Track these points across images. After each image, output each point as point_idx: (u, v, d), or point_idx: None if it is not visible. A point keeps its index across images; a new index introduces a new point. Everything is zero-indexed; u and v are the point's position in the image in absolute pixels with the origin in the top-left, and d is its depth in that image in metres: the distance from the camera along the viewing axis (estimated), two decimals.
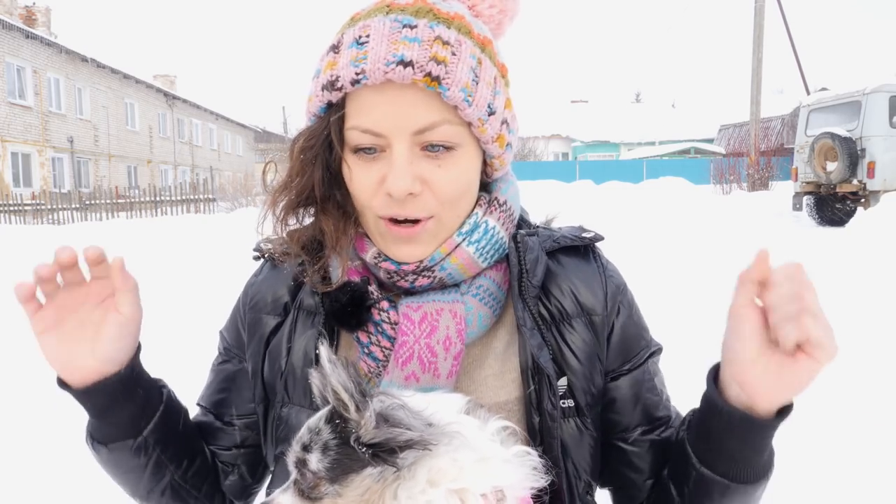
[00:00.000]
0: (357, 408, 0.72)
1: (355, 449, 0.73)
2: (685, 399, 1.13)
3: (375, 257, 1.02)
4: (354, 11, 0.99)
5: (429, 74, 0.89)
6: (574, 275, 1.07)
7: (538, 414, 0.99)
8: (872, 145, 13.90)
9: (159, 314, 1.06)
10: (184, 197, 23.18)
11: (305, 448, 0.77)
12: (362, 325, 1.01)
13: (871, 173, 13.89)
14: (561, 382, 1.01)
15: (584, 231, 1.13)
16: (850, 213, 14.48)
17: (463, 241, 1.00)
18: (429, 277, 1.00)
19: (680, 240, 10.37)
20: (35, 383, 4.53)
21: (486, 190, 1.07)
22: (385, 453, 0.72)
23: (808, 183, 15.18)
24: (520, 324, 1.01)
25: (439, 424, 0.75)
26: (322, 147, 0.98)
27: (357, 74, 0.90)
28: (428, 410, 0.77)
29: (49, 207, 22.68)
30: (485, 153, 1.01)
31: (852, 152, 14.01)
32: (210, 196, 23.53)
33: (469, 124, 0.94)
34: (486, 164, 1.03)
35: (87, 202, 23.28)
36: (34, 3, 33.11)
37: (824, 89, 19.23)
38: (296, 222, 1.05)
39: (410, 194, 0.93)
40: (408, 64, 0.88)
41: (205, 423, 1.15)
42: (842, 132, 14.19)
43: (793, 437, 0.99)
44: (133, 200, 23.57)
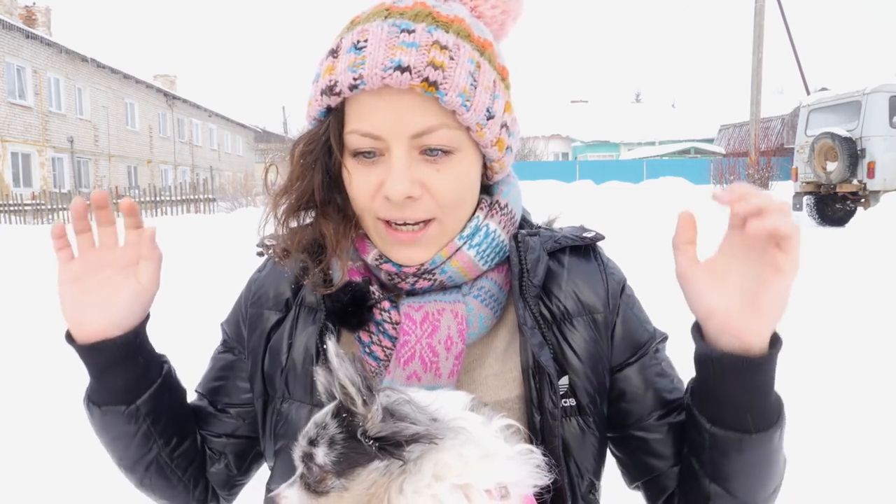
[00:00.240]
0: (364, 402, 0.72)
1: (362, 443, 0.73)
2: None
3: (376, 259, 1.02)
4: (354, 15, 0.99)
5: (426, 80, 0.89)
6: (575, 274, 1.08)
7: (539, 413, 0.99)
8: (872, 145, 13.91)
9: (159, 314, 1.07)
10: (184, 197, 23.19)
11: (312, 442, 0.78)
12: (363, 325, 1.01)
13: (871, 173, 13.90)
14: (562, 381, 1.02)
15: (585, 231, 1.13)
16: (850, 213, 14.49)
17: (464, 245, 1.01)
18: (429, 280, 1.01)
19: None
20: (35, 383, 4.54)
21: (488, 192, 1.07)
22: (391, 447, 0.72)
23: (808, 183, 15.19)
24: (521, 322, 1.01)
25: (445, 420, 0.76)
26: (322, 151, 0.99)
27: (355, 80, 0.90)
28: (433, 406, 0.77)
29: (49, 207, 22.68)
30: (484, 156, 1.01)
31: (852, 152, 14.02)
32: (210, 196, 23.53)
33: (467, 128, 0.95)
34: (487, 168, 1.03)
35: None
36: (34, 3, 33.12)
37: (824, 89, 19.25)
38: (297, 225, 1.06)
39: (409, 198, 0.94)
40: (405, 69, 0.88)
41: (199, 408, 1.16)
42: (842, 132, 14.20)
43: (793, 437, 1.00)
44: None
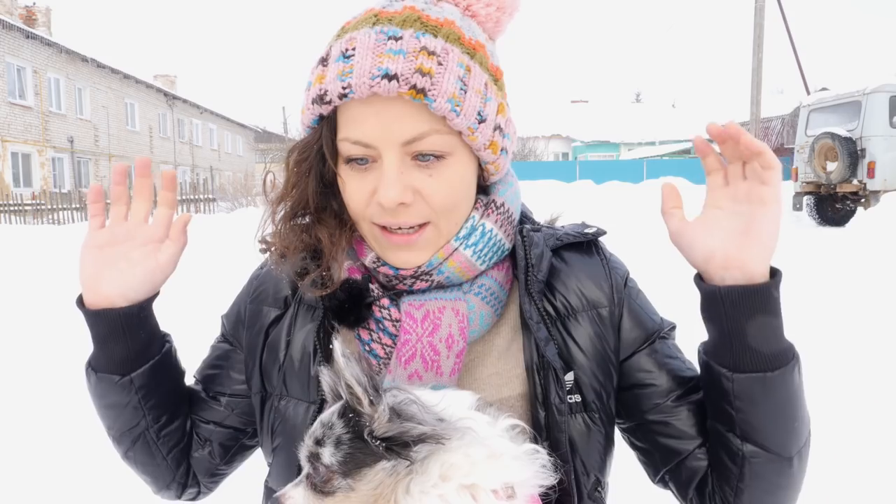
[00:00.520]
0: (370, 402, 0.73)
1: (368, 443, 0.74)
2: None
3: (374, 262, 1.03)
4: (345, 21, 0.99)
5: (414, 87, 0.89)
6: (579, 271, 1.08)
7: (544, 409, 0.99)
8: (872, 145, 13.91)
9: (159, 314, 1.08)
10: (184, 197, 23.16)
11: (318, 442, 0.78)
12: (361, 322, 1.02)
13: (871, 173, 13.90)
14: (567, 378, 1.02)
15: (587, 227, 1.14)
16: (850, 213, 14.49)
17: (460, 245, 1.01)
18: (427, 281, 1.01)
19: None
20: (35, 382, 4.54)
21: (484, 192, 1.07)
22: (398, 447, 0.72)
23: (809, 183, 15.19)
24: (526, 317, 1.01)
25: (451, 420, 0.76)
26: (316, 159, 0.99)
27: (344, 89, 0.91)
28: (439, 406, 0.77)
29: (49, 207, 22.69)
30: (479, 159, 1.01)
31: (852, 152, 14.02)
32: (210, 196, 23.55)
33: (459, 133, 0.95)
34: (483, 169, 1.03)
35: (88, 202, 23.26)
36: (34, 3, 33.11)
37: (824, 89, 19.25)
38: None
39: (402, 204, 0.94)
40: (392, 77, 0.88)
41: (193, 392, 1.18)
42: (842, 132, 14.20)
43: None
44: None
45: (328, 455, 0.76)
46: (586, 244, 1.12)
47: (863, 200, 14.18)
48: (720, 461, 1.00)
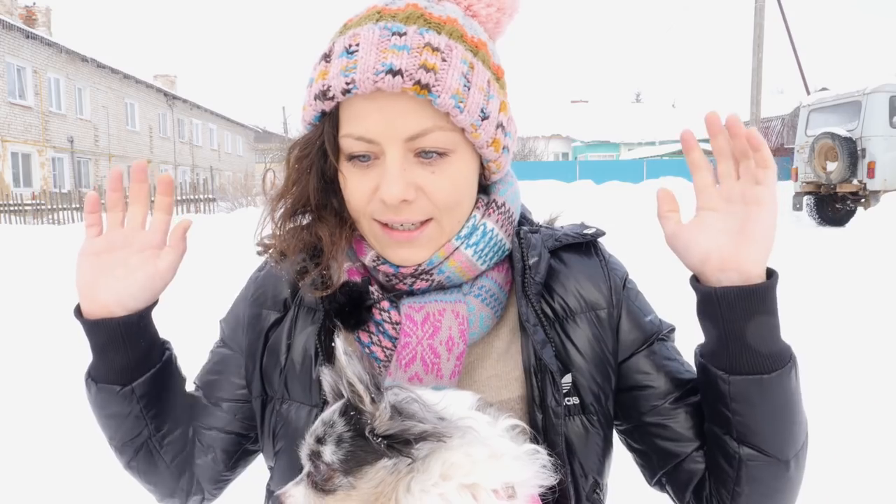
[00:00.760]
0: (372, 400, 0.73)
1: (370, 441, 0.74)
2: None
3: (374, 260, 1.02)
4: (347, 18, 0.99)
5: (418, 83, 0.89)
6: (577, 272, 1.08)
7: (541, 411, 0.99)
8: (872, 145, 13.92)
9: (159, 314, 1.08)
10: (184, 197, 23.17)
11: (319, 440, 0.78)
12: (361, 325, 1.01)
13: (871, 173, 13.90)
14: (565, 380, 1.02)
15: (586, 228, 1.13)
16: (850, 213, 14.49)
17: (461, 245, 1.00)
18: (427, 280, 1.01)
19: None
20: (35, 382, 4.54)
21: (485, 192, 1.07)
22: (400, 445, 0.72)
23: (809, 183, 15.19)
24: (523, 320, 1.01)
25: (452, 419, 0.76)
26: (317, 156, 0.99)
27: (347, 84, 0.90)
28: (441, 405, 0.77)
29: (49, 207, 22.68)
30: (481, 157, 1.01)
31: (852, 152, 14.02)
32: (210, 196, 23.53)
33: (462, 130, 0.94)
34: (484, 168, 1.03)
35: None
36: (34, 3, 33.10)
37: (824, 89, 19.26)
38: (293, 228, 1.06)
39: (405, 201, 0.94)
40: (397, 73, 0.88)
41: (195, 399, 1.17)
42: (842, 132, 14.21)
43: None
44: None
45: (329, 453, 0.76)
46: (585, 245, 1.12)
47: (863, 200, 14.18)
48: (717, 464, 0.99)
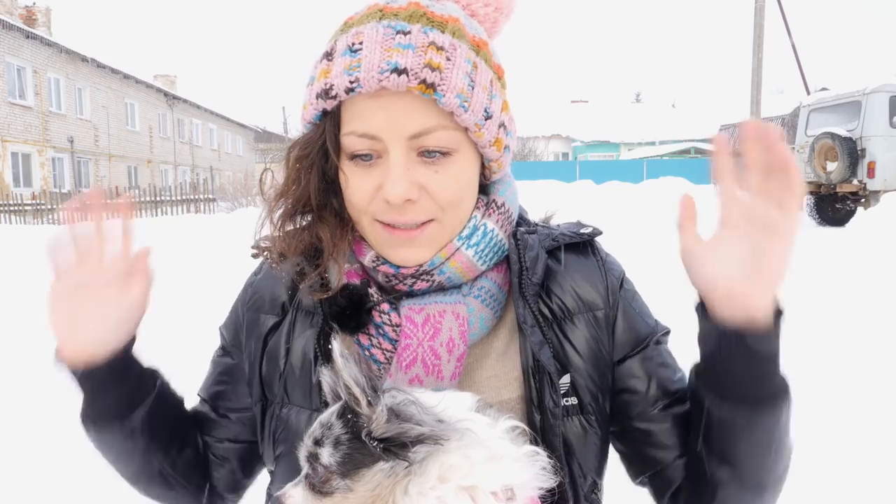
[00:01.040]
0: (369, 403, 0.72)
1: (367, 444, 0.73)
2: None
3: (374, 261, 1.01)
4: (348, 16, 0.98)
5: (423, 81, 0.88)
6: (575, 272, 1.07)
7: (539, 412, 0.99)
8: (872, 145, 13.92)
9: (159, 314, 1.07)
10: (184, 197, 23.20)
11: (317, 442, 0.78)
12: (361, 328, 1.00)
13: (871, 173, 13.90)
14: (563, 380, 1.01)
15: (583, 227, 1.12)
16: (850, 213, 14.50)
17: (462, 245, 1.00)
18: (428, 281, 1.00)
19: None
20: (35, 383, 4.54)
21: (484, 192, 1.07)
22: (396, 448, 0.72)
23: (809, 183, 15.17)
24: (520, 322, 1.01)
25: (450, 421, 0.76)
26: (318, 155, 0.98)
27: (351, 83, 0.89)
28: (439, 407, 0.77)
29: (49, 207, 22.67)
30: (483, 156, 1.00)
31: (852, 152, 14.02)
32: (210, 196, 23.53)
33: (465, 129, 0.94)
34: (485, 167, 1.03)
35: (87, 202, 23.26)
36: (34, 3, 33.11)
37: (824, 89, 19.25)
38: (293, 228, 1.04)
39: (408, 200, 0.93)
40: (402, 71, 0.87)
41: (201, 413, 1.15)
42: (842, 132, 14.21)
43: (792, 436, 0.99)
44: (133, 200, 23.52)
45: (327, 455, 0.76)
46: (582, 244, 1.11)
47: (863, 200, 14.19)
48: (696, 479, 1.00)
